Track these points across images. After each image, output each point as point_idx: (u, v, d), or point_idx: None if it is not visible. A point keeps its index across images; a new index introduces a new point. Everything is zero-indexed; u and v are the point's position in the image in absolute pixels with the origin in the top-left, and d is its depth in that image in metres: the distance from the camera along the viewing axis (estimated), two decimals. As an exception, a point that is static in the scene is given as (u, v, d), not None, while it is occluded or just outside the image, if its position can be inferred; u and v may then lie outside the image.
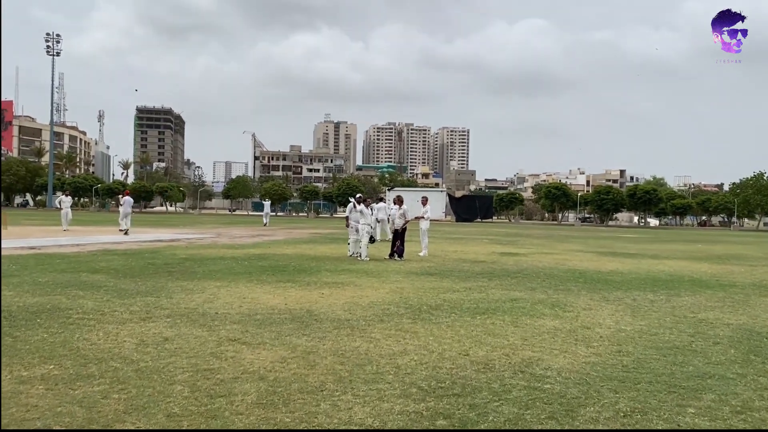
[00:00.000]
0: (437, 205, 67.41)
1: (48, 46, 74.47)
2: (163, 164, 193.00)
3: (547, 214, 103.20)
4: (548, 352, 6.18)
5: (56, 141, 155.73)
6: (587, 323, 7.82)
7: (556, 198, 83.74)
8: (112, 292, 9.27)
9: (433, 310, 8.50)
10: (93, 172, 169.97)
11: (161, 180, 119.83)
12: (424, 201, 18.81)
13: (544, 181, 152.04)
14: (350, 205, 17.43)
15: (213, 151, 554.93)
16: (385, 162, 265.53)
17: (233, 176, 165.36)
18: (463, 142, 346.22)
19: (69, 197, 29.89)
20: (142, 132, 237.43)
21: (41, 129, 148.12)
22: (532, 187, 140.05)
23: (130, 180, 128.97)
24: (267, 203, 42.62)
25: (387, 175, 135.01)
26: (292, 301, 8.98)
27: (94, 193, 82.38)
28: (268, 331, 6.81)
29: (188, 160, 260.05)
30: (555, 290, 10.99)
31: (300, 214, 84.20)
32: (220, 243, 21.40)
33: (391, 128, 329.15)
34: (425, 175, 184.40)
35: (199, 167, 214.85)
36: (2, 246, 15.25)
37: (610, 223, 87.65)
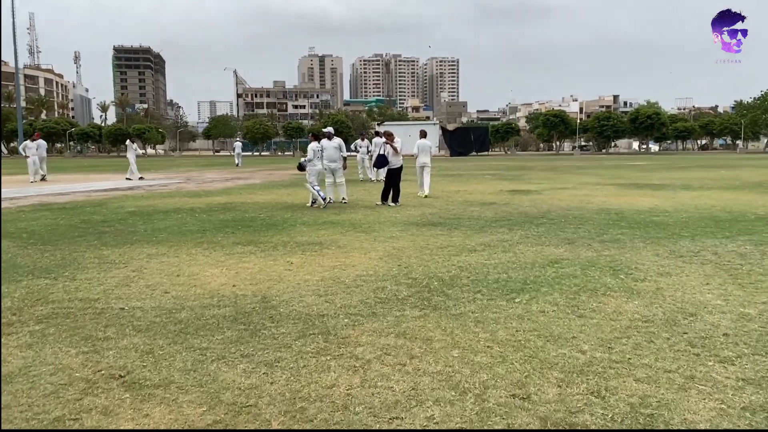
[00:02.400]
0: (430, 139, 64.20)
1: (4, -21, 69.23)
2: (144, 105, 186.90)
3: (542, 144, 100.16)
4: (663, 379, 3.56)
5: (31, 84, 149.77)
6: (684, 304, 5.19)
7: (554, 126, 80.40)
8: (-10, 274, 6.55)
9: (447, 287, 5.84)
10: (73, 116, 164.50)
11: (142, 122, 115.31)
12: (423, 134, 16.52)
13: (537, 110, 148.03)
14: (312, 145, 13.72)
15: (197, 92, 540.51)
16: (374, 96, 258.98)
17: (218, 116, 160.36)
18: (453, 73, 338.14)
19: (34, 142, 26.72)
20: (121, 73, 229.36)
21: (14, 73, 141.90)
22: (525, 117, 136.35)
23: (110, 122, 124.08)
24: (238, 143, 39.87)
25: (376, 110, 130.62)
26: (244, 279, 6.29)
27: (68, 137, 78.46)
28: (185, 350, 4.14)
29: (171, 101, 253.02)
30: (601, 242, 8.34)
31: (285, 153, 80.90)
32: (184, 190, 18.57)
33: (379, 60, 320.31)
34: (415, 109, 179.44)
35: (180, 107, 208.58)
36: None
37: (610, 150, 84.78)
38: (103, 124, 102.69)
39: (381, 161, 14.42)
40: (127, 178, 23.83)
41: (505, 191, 17.28)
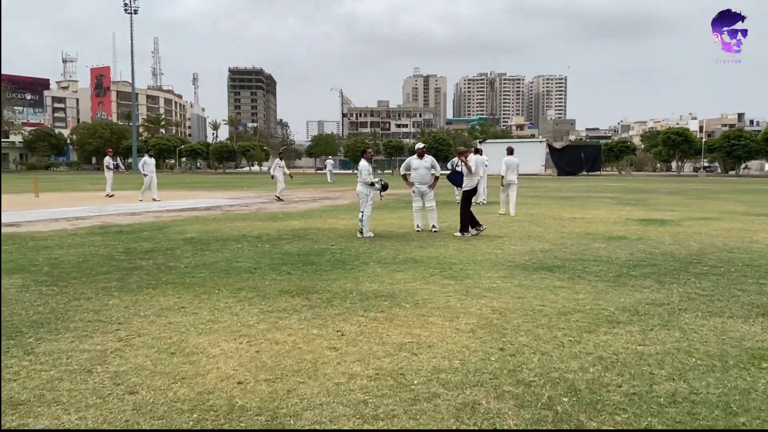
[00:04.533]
0: (535, 157, 60.55)
1: (125, 4, 72.74)
2: (254, 124, 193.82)
3: (658, 164, 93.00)
4: None
5: (152, 104, 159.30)
6: None
7: (675, 145, 73.51)
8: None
9: (587, 412, 3.39)
10: (189, 134, 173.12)
11: (251, 140, 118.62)
12: (510, 151, 16.09)
13: (652, 128, 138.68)
14: (362, 163, 11.49)
15: (305, 111, 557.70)
16: (477, 115, 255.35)
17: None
18: (560, 91, 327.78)
19: (109, 158, 26.54)
20: (235, 93, 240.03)
21: (138, 93, 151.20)
22: (640, 135, 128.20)
23: (222, 140, 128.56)
24: (329, 161, 38.93)
25: (478, 127, 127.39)
26: (262, 367, 4.14)
27: (178, 154, 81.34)
28: None
29: (281, 120, 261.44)
30: (812, 314, 5.52)
31: (385, 171, 79.73)
32: (263, 212, 16.92)
33: (483, 79, 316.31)
34: (520, 127, 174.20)
35: (287, 126, 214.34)
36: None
37: (740, 172, 76.57)
38: (212, 142, 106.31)
39: (454, 179, 12.02)
40: (276, 197, 22.09)
41: (633, 220, 14.27)
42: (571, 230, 12.19)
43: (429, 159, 11.90)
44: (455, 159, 12.23)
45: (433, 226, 11.87)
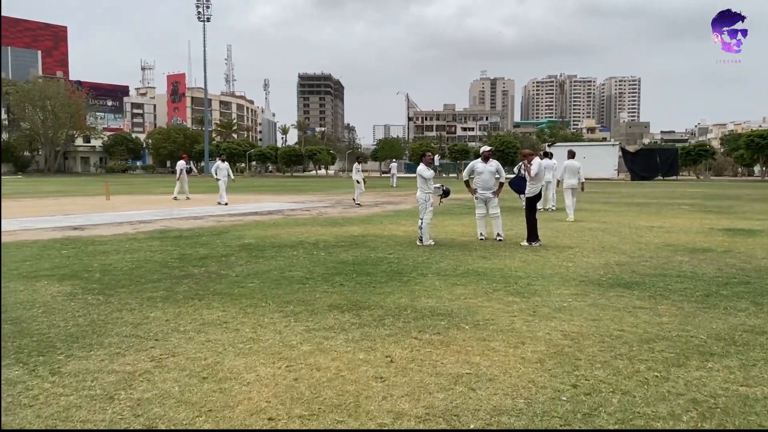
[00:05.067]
0: (608, 161, 58.14)
1: (198, 12, 75.06)
2: (322, 128, 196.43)
3: (740, 169, 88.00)
4: None
5: (225, 110, 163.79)
6: None
7: (760, 149, 69.16)
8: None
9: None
10: (260, 139, 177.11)
11: (317, 144, 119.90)
12: (571, 155, 15.95)
13: (732, 130, 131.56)
14: (420, 167, 10.89)
15: (372, 115, 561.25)
16: (545, 118, 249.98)
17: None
18: (633, 93, 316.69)
19: (183, 162, 27.01)
20: (304, 99, 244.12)
21: (212, 99, 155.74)
22: (720, 138, 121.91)
23: (291, 142, 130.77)
24: (393, 164, 38.55)
25: (547, 130, 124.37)
26: (298, 399, 3.69)
27: (248, 158, 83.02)
28: None
29: (348, 124, 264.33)
30: None
31: (450, 175, 78.84)
32: (323, 216, 16.62)
33: (552, 82, 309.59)
34: (591, 129, 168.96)
35: (353, 129, 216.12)
36: (53, 223, 11.64)
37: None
38: (281, 146, 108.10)
39: (517, 185, 11.29)
40: (356, 202, 21.43)
41: (718, 230, 13.12)
42: (649, 240, 11.26)
43: (494, 163, 11.26)
44: (521, 163, 11.54)
45: (498, 235, 11.21)
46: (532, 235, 10.67)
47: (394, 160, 48.57)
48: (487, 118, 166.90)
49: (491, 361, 4.40)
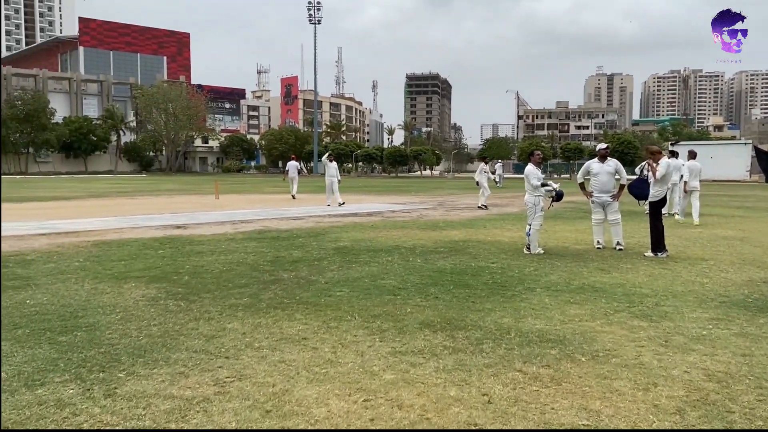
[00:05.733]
0: (738, 161, 53.35)
1: (309, 15, 76.99)
2: (428, 129, 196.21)
3: None
4: None
5: (334, 111, 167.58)
6: None
7: None
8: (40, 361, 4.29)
9: None
10: (368, 140, 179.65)
11: (424, 144, 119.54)
12: (692, 155, 15.16)
13: None
14: (529, 168, 9.91)
15: (480, 115, 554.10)
16: (667, 115, 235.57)
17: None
18: (766, 88, 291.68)
19: (294, 162, 27.32)
20: (411, 99, 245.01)
21: (322, 101, 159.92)
22: None
23: (397, 143, 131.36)
24: (498, 164, 37.17)
25: (669, 128, 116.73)
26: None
27: (354, 159, 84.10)
28: None
29: (455, 124, 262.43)
30: None
31: (562, 175, 75.68)
32: (423, 219, 15.93)
33: (675, 77, 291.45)
34: (718, 127, 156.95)
35: (460, 129, 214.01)
36: (172, 219, 11.84)
37: None
38: (387, 146, 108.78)
39: (638, 188, 9.99)
40: (482, 206, 19.95)
41: None
42: (801, 254, 9.66)
43: (613, 163, 10.10)
44: (644, 163, 10.26)
45: (618, 243, 10.04)
46: (659, 245, 9.43)
47: (499, 160, 47.03)
48: (603, 116, 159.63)
49: (615, 409, 3.52)
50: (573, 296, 6.54)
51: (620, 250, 9.89)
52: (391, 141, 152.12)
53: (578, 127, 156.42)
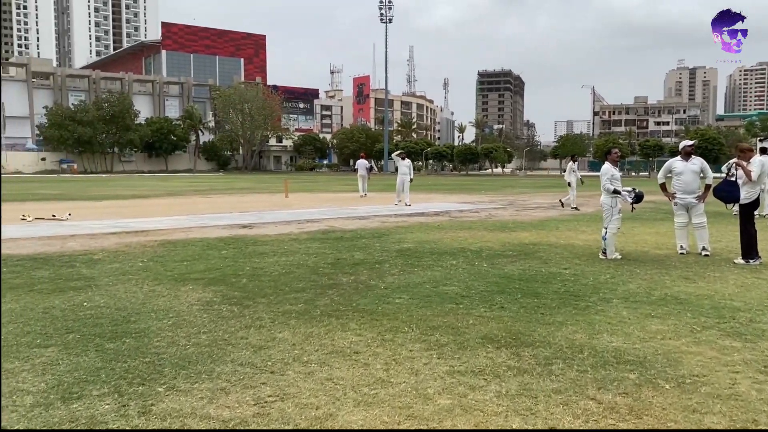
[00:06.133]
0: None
1: (381, 14, 77.17)
2: (500, 126, 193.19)
3: None
4: None
5: (405, 110, 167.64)
6: None
7: None
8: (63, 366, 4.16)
9: None
10: (439, 138, 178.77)
11: (495, 142, 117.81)
12: (765, 151, 12.91)
13: None
14: (605, 167, 9.25)
15: (554, 111, 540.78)
16: (755, 110, 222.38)
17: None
18: None
19: (364, 161, 27.24)
20: (483, 96, 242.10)
21: (393, 100, 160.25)
22: None
23: (468, 141, 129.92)
24: (570, 163, 35.71)
25: (758, 123, 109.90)
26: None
27: (425, 157, 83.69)
28: None
29: (528, 121, 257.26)
30: None
31: (641, 174, 72.49)
32: (491, 220, 15.36)
33: (763, 69, 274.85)
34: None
35: (532, 125, 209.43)
36: (212, 221, 11.92)
37: None
38: (457, 144, 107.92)
39: (726, 191, 9.06)
40: (570, 206, 18.90)
41: None
42: None
43: (698, 161, 9.29)
44: (731, 161, 9.39)
45: (704, 248, 9.23)
46: (751, 251, 8.58)
47: (572, 158, 45.35)
48: (684, 111, 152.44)
49: (707, 454, 3.01)
50: (654, 309, 5.94)
51: (706, 255, 9.08)
52: (462, 139, 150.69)
53: (658, 123, 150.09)
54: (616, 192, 9.03)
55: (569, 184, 19.37)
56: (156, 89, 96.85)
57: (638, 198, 9.30)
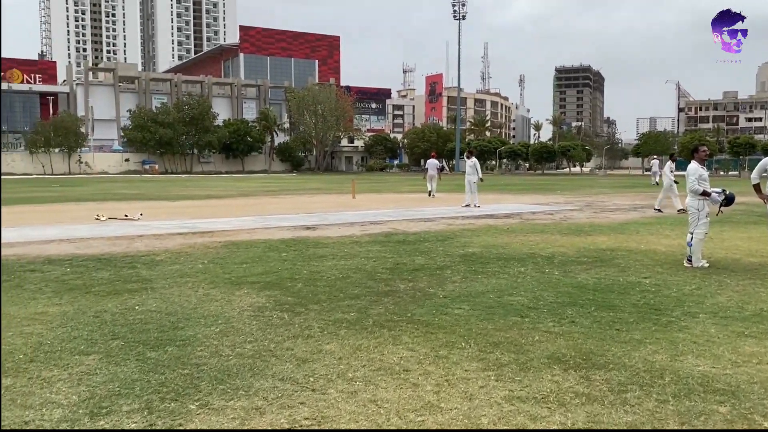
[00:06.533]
0: None
1: (454, 11, 76.25)
2: (578, 123, 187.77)
3: None
4: None
5: (479, 108, 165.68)
6: None
7: None
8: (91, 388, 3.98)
9: None
10: (514, 136, 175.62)
11: (573, 139, 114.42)
12: None
13: None
14: (692, 166, 8.37)
15: (636, 108, 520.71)
16: None
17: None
18: None
19: (434, 160, 26.80)
20: (560, 93, 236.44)
21: (466, 98, 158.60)
22: None
23: (544, 139, 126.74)
24: (655, 161, 33.83)
25: None
26: None
27: (498, 155, 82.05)
28: None
29: (608, 118, 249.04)
30: None
31: (730, 173, 68.32)
32: (566, 222, 14.58)
33: None
34: None
35: (612, 123, 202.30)
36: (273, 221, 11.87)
37: None
38: (533, 142, 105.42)
39: None
40: (656, 209, 17.49)
41: None
42: None
43: None
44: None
45: (805, 257, 8.29)
46: None
47: (655, 156, 43.30)
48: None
49: None
50: (748, 326, 5.25)
51: (809, 265, 8.14)
52: (538, 137, 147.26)
53: (749, 120, 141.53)
54: (704, 194, 8.24)
55: (672, 184, 17.46)
56: (234, 92, 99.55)
57: (729, 200, 8.47)
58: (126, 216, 15.23)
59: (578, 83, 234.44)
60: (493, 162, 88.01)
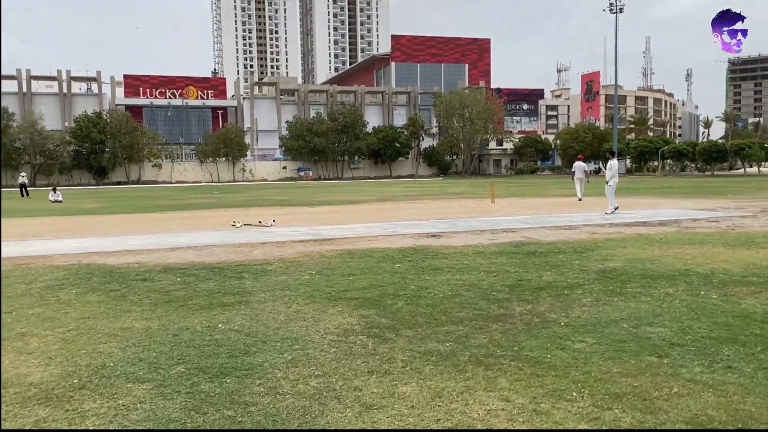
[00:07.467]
0: None
1: (611, 5, 71.25)
2: (756, 119, 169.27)
3: None
4: None
5: (640, 105, 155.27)
6: None
7: None
8: None
9: None
10: (680, 134, 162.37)
11: (751, 137, 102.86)
12: None
13: None
14: None
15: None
16: None
17: None
18: None
19: (581, 163, 24.91)
20: (734, 86, 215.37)
21: (626, 95, 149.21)
22: None
23: (715, 137, 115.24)
24: None
25: None
26: None
27: (660, 156, 75.50)
28: None
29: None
30: None
31: None
32: (734, 232, 12.38)
33: None
34: None
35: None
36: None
37: None
38: (702, 141, 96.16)
39: None
40: None
41: None
42: None
43: None
44: None
45: None
46: None
47: None
48: None
49: None
50: None
51: None
52: (708, 135, 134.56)
53: None
54: None
55: None
56: (385, 99, 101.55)
57: None
58: (260, 222, 15.45)
59: (756, 75, 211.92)
60: (655, 163, 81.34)
